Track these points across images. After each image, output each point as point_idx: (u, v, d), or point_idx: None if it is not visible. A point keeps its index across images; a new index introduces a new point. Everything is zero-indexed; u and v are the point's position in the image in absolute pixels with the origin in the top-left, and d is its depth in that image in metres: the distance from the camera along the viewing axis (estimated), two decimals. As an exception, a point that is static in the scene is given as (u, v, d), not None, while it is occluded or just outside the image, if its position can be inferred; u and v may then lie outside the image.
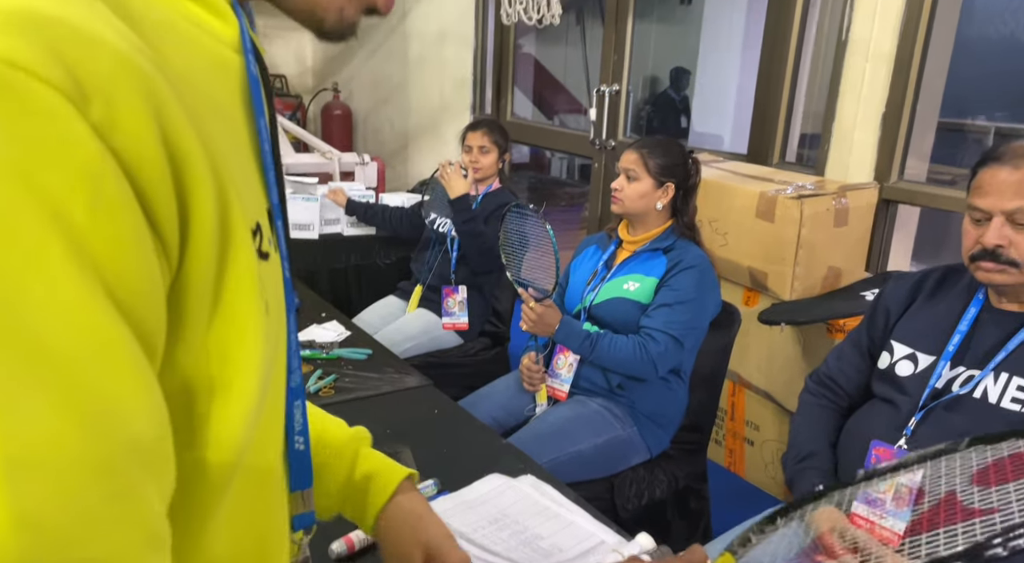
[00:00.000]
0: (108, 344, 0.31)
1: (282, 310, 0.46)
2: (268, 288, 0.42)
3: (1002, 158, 1.13)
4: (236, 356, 0.39)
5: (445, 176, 2.43)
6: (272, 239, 0.43)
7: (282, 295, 0.46)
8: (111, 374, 0.31)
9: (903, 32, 2.23)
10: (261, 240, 0.41)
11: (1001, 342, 1.15)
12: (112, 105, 0.30)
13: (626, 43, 3.23)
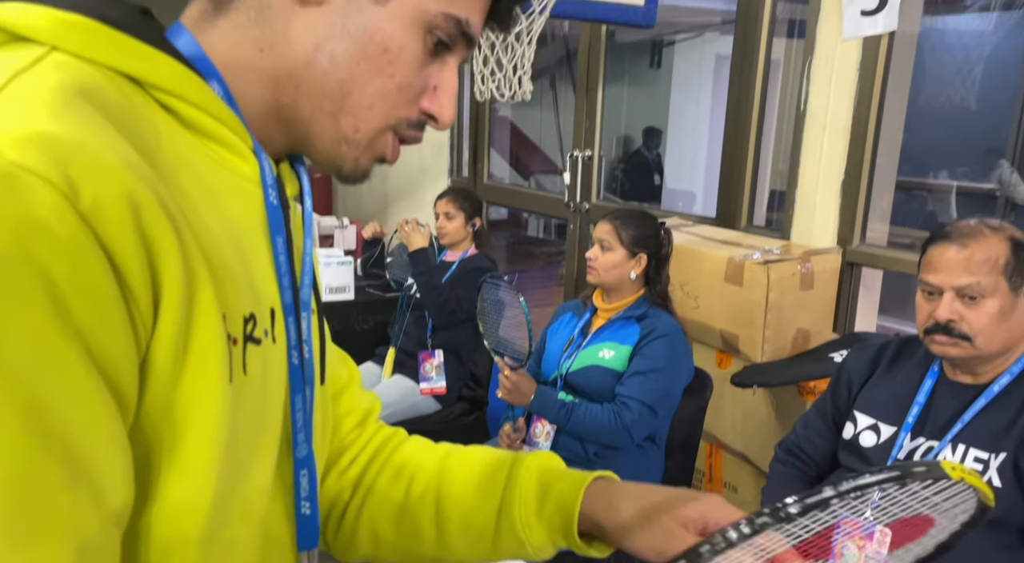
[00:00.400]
0: (92, 405, 0.38)
1: (280, 390, 0.52)
2: (255, 366, 0.48)
3: (950, 236, 1.20)
4: (189, 427, 0.44)
5: (404, 233, 2.48)
6: (272, 330, 0.51)
7: (282, 377, 0.53)
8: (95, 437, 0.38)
9: (857, 102, 2.35)
10: (255, 327, 0.48)
11: (957, 414, 1.20)
12: (98, 201, 0.38)
13: (597, 110, 3.34)
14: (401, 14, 0.50)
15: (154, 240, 0.41)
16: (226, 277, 0.46)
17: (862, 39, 2.31)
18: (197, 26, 0.52)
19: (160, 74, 0.47)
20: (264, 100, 0.52)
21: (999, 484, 1.13)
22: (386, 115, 0.53)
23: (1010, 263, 1.16)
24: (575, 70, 3.49)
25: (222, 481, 0.46)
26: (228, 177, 0.50)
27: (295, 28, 0.50)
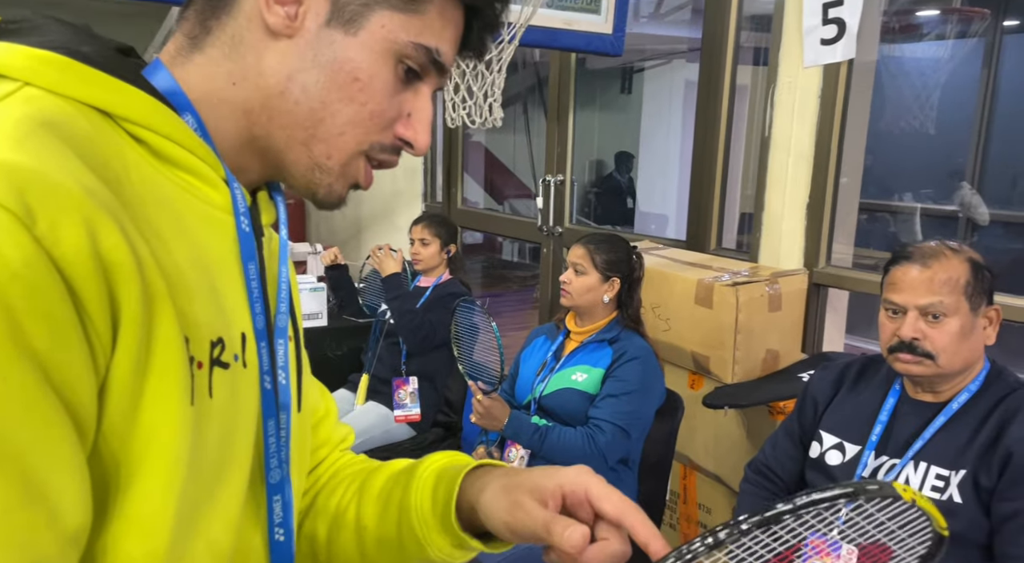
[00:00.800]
0: (48, 427, 0.39)
1: (251, 415, 0.53)
2: (222, 390, 0.49)
3: (912, 257, 1.24)
4: (149, 449, 0.44)
5: (376, 258, 2.49)
6: (243, 355, 0.52)
7: (254, 403, 0.53)
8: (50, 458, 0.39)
9: (819, 128, 2.42)
10: (223, 351, 0.49)
11: (918, 431, 1.23)
12: (55, 226, 0.39)
13: (568, 136, 3.39)
14: (371, 44, 0.52)
15: (112, 264, 0.41)
16: (190, 301, 0.47)
17: (823, 67, 2.38)
18: (174, 61, 0.54)
19: (130, 107, 0.48)
20: (238, 131, 0.54)
21: (960, 501, 1.16)
22: (358, 141, 0.54)
23: (970, 284, 1.20)
24: (546, 97, 3.54)
25: (185, 504, 0.46)
26: (199, 205, 0.51)
27: (267, 60, 0.52)
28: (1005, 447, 1.13)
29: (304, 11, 0.51)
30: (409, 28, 0.53)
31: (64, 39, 0.48)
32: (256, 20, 0.52)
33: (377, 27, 0.52)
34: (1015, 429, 1.14)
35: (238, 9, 0.52)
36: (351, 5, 0.52)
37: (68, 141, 0.43)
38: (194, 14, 0.54)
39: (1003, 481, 1.12)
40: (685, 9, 5.00)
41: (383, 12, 0.52)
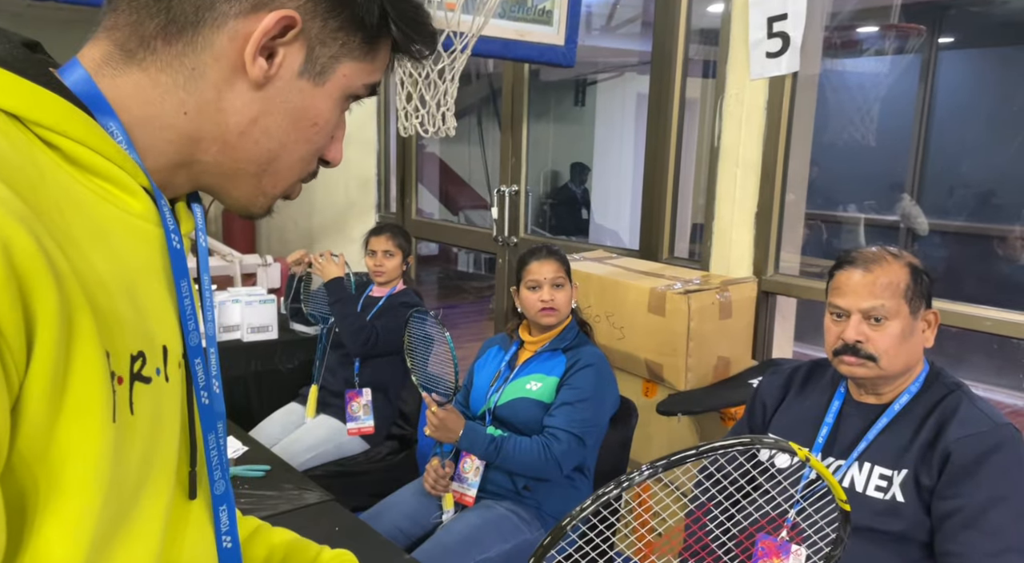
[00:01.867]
0: None
1: (174, 429, 0.52)
2: (144, 406, 0.47)
3: (856, 262, 1.27)
4: (67, 469, 0.43)
5: (318, 264, 2.45)
6: (165, 368, 0.50)
7: (176, 417, 0.52)
8: None
9: (766, 139, 2.47)
10: (144, 365, 0.47)
11: (862, 433, 1.25)
12: None
13: (522, 147, 3.41)
14: (333, 92, 0.57)
15: (27, 278, 0.40)
16: (111, 314, 0.45)
17: (768, 79, 2.44)
18: (100, 69, 0.52)
19: (43, 111, 0.46)
20: (177, 153, 0.55)
21: (902, 500, 1.19)
22: (300, 172, 0.59)
23: (910, 288, 1.24)
24: (500, 108, 3.55)
25: (103, 522, 0.45)
26: (117, 214, 0.50)
27: (230, 100, 0.53)
28: (943, 447, 1.16)
29: (280, 61, 0.54)
30: (364, 73, 0.58)
31: None
32: (227, 61, 0.52)
33: (340, 76, 0.57)
34: (952, 430, 1.17)
35: (205, 44, 0.52)
36: (322, 58, 0.55)
37: None
38: (131, 24, 0.52)
39: (942, 480, 1.16)
40: (636, 22, 5.09)
41: (347, 63, 0.56)
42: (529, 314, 1.86)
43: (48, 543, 0.42)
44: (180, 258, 0.54)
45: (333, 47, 0.55)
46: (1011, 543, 1.10)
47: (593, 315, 2.49)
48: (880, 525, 1.18)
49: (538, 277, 1.83)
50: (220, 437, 0.57)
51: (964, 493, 1.13)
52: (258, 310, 2.89)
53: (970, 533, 1.12)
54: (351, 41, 0.56)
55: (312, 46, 0.55)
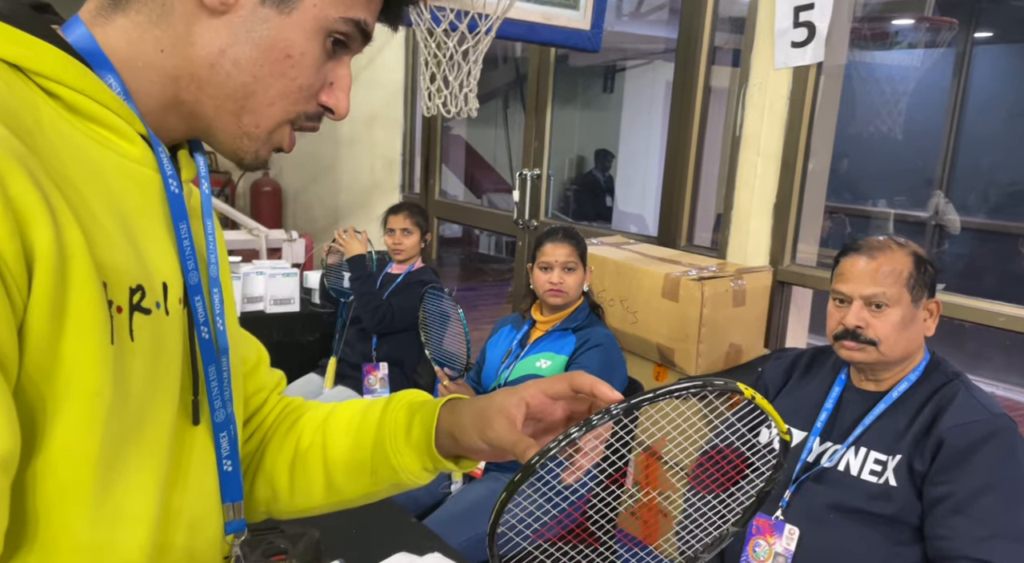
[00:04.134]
0: None
1: (175, 360, 0.56)
2: (144, 334, 0.52)
3: (860, 249, 1.29)
4: (72, 384, 0.47)
5: (342, 241, 2.50)
6: (165, 303, 0.54)
7: (178, 349, 0.57)
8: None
9: (788, 130, 2.47)
10: (143, 298, 0.52)
11: (860, 418, 1.28)
12: None
13: (546, 131, 3.43)
14: (303, 23, 0.55)
15: (22, 209, 0.44)
16: (108, 249, 0.49)
17: (792, 69, 2.44)
18: (94, 20, 0.55)
19: (42, 62, 0.50)
20: (163, 95, 0.56)
21: (895, 484, 1.21)
22: (285, 112, 0.57)
23: (912, 276, 1.25)
24: (526, 92, 3.57)
25: (109, 437, 0.49)
26: (114, 158, 0.53)
27: (198, 32, 0.54)
28: (938, 435, 1.18)
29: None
30: (338, 4, 0.55)
31: None
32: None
33: (309, 6, 0.54)
34: (948, 418, 1.19)
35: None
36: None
37: None
38: None
39: (935, 466, 1.18)
40: (664, 9, 5.06)
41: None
42: (538, 293, 1.90)
43: (59, 451, 0.47)
44: (178, 202, 0.57)
45: None
46: (998, 530, 1.12)
47: (608, 299, 2.52)
48: (873, 508, 1.21)
49: (550, 259, 1.86)
50: (223, 370, 0.61)
51: (955, 479, 1.16)
52: (281, 283, 2.97)
53: (959, 518, 1.14)
54: None
55: None
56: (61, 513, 0.48)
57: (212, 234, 0.63)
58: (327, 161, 4.57)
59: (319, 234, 4.54)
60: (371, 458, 0.69)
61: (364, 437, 0.70)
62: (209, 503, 0.62)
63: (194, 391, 0.59)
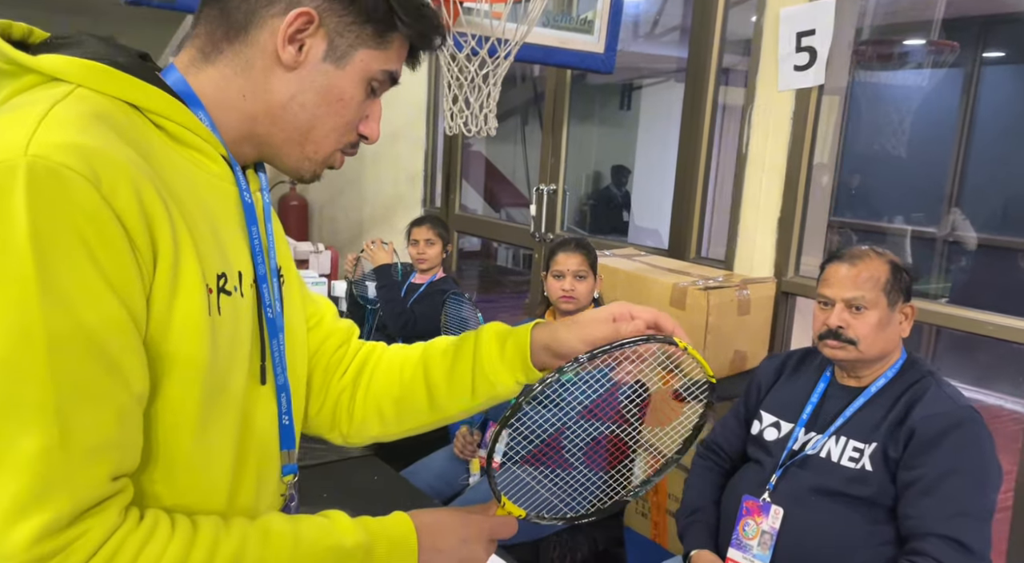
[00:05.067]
0: (118, 321, 0.57)
1: (247, 333, 0.70)
2: (227, 311, 0.66)
3: (843, 257, 1.42)
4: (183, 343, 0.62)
5: (369, 251, 2.67)
6: (240, 286, 0.69)
7: (248, 324, 0.71)
8: (121, 342, 0.57)
9: (791, 149, 2.60)
10: (226, 282, 0.67)
11: (840, 411, 1.40)
12: (113, 187, 0.57)
13: (562, 147, 3.58)
14: (353, 74, 0.72)
15: (151, 213, 0.59)
16: (202, 243, 0.64)
17: (795, 90, 2.57)
18: (188, 69, 0.71)
19: (152, 102, 0.66)
20: (240, 129, 0.72)
21: (871, 469, 1.33)
22: (337, 141, 0.75)
23: (889, 281, 1.38)
24: (543, 110, 3.73)
25: (205, 391, 0.65)
26: (203, 175, 0.69)
27: (274, 82, 0.71)
28: (910, 424, 1.31)
29: (307, 49, 0.70)
30: (380, 60, 0.72)
31: (102, 51, 0.66)
32: (268, 52, 0.69)
33: (358, 62, 0.71)
34: (919, 410, 1.31)
35: (253, 40, 0.69)
36: (341, 46, 0.71)
37: (113, 128, 0.61)
38: (206, 34, 0.71)
39: (907, 453, 1.30)
40: (678, 30, 5.21)
41: (364, 50, 0.71)
42: (551, 299, 2.04)
43: (172, 398, 0.63)
44: (250, 209, 0.74)
45: (349, 37, 0.70)
46: (963, 509, 1.24)
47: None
48: (851, 490, 1.33)
49: (563, 267, 2.01)
50: (281, 344, 0.76)
51: (924, 464, 1.28)
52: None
53: (927, 500, 1.26)
54: (364, 32, 0.71)
55: (332, 37, 0.70)
56: (174, 440, 0.64)
57: (271, 234, 0.79)
58: (352, 176, 4.76)
59: (344, 246, 4.72)
60: (471, 379, 0.83)
61: (463, 362, 0.84)
62: (271, 447, 0.76)
63: (261, 358, 0.73)
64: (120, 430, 0.58)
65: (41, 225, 0.53)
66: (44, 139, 0.56)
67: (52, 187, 0.54)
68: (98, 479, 0.57)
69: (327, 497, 1.52)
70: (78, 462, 0.55)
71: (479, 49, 2.32)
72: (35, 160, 0.54)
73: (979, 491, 1.26)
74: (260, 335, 0.73)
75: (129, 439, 0.60)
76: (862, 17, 3.38)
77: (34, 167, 0.54)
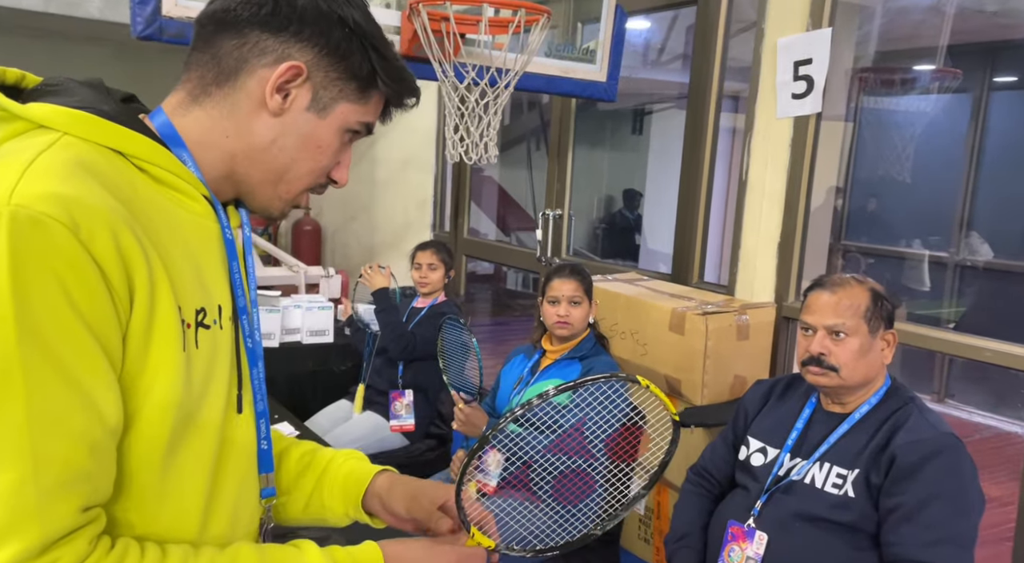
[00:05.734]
0: (93, 359, 0.60)
1: (225, 363, 0.74)
2: (204, 344, 0.70)
3: (824, 285, 1.44)
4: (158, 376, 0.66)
5: (367, 276, 2.70)
6: (220, 320, 0.73)
7: (227, 355, 0.75)
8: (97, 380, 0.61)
9: (790, 175, 2.63)
10: (205, 316, 0.70)
11: (825, 437, 1.41)
12: (91, 233, 0.60)
13: (567, 173, 3.63)
14: (333, 124, 0.77)
15: (128, 257, 0.63)
16: (181, 282, 0.68)
17: (793, 118, 2.60)
18: (175, 111, 0.75)
19: (135, 148, 0.70)
20: (222, 168, 0.76)
21: (853, 495, 1.34)
22: (308, 184, 0.80)
23: (869, 309, 1.40)
24: (548, 136, 3.78)
25: (179, 420, 0.69)
26: (186, 214, 0.74)
27: (257, 126, 0.75)
28: (891, 451, 1.31)
29: (292, 99, 0.74)
30: (359, 113, 0.77)
31: (89, 99, 0.70)
32: (254, 97, 0.74)
33: (339, 113, 0.76)
34: (900, 436, 1.32)
35: (241, 86, 0.74)
36: (324, 98, 0.75)
37: (96, 175, 0.65)
38: (197, 77, 0.75)
39: (888, 479, 1.30)
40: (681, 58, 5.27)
41: (345, 104, 0.76)
42: (547, 324, 2.06)
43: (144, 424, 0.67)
44: (231, 246, 0.78)
45: (333, 91, 0.75)
46: (944, 535, 1.24)
47: (619, 332, 2.67)
48: (834, 516, 1.34)
49: (557, 293, 2.03)
50: (261, 372, 0.81)
51: (906, 491, 1.28)
52: (317, 316, 3.19)
53: (909, 526, 1.26)
54: (348, 87, 0.75)
55: (317, 89, 0.74)
56: (146, 470, 0.68)
57: (251, 267, 0.84)
58: (364, 201, 4.84)
59: (354, 270, 4.78)
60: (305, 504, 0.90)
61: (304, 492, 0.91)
62: (250, 472, 0.80)
63: (238, 387, 0.77)
64: (93, 463, 0.61)
65: (21, 269, 0.57)
66: (26, 190, 0.60)
67: (33, 234, 0.58)
68: (69, 511, 0.60)
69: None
70: (49, 495, 0.58)
71: (479, 79, 2.38)
72: (17, 209, 0.58)
73: (960, 518, 1.26)
74: (238, 365, 0.77)
75: (101, 471, 0.63)
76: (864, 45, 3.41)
77: (16, 216, 0.58)
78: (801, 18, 2.56)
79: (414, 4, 2.26)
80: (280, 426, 2.16)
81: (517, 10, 2.29)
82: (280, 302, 3.20)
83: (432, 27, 2.25)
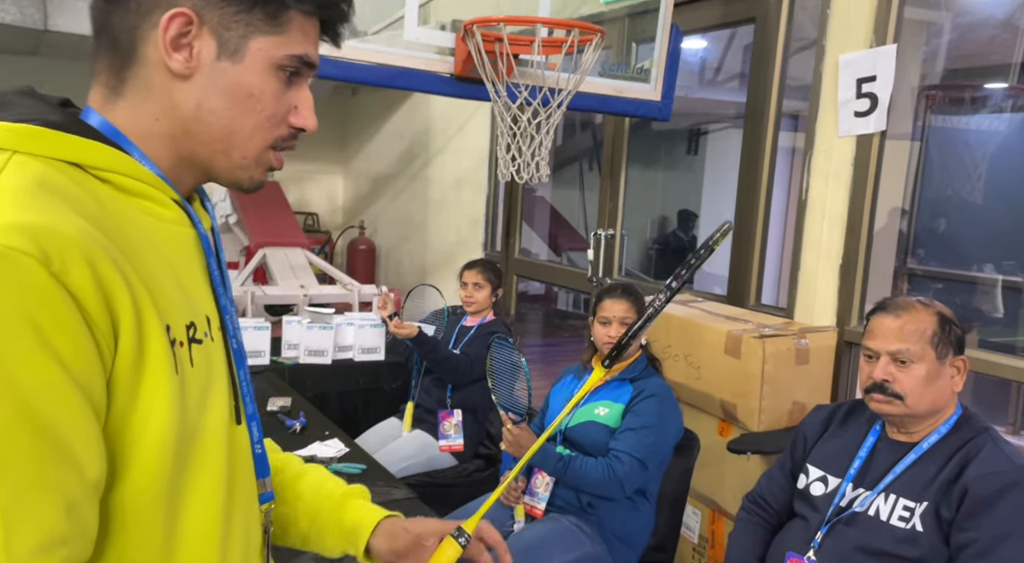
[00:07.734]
0: (72, 407, 0.54)
1: (223, 371, 0.69)
2: (199, 360, 0.65)
3: (887, 308, 1.38)
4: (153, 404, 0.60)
5: (396, 331, 2.62)
6: (211, 330, 0.68)
7: (223, 362, 0.70)
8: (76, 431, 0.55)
9: (852, 195, 2.54)
10: (195, 331, 0.65)
11: (890, 467, 1.34)
12: (64, 264, 0.54)
13: (620, 193, 3.60)
14: (254, 66, 0.67)
15: (107, 285, 0.57)
16: (165, 299, 0.62)
17: (856, 136, 2.52)
18: (104, 108, 0.67)
19: (93, 157, 0.63)
20: (169, 154, 0.68)
21: (921, 530, 1.26)
22: (264, 139, 0.70)
23: (936, 334, 1.33)
24: (601, 156, 3.77)
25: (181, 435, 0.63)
26: (157, 223, 0.67)
27: (177, 96, 0.66)
28: (963, 484, 1.23)
29: (196, 52, 0.65)
30: (279, 45, 0.67)
31: (34, 111, 0.63)
32: (160, 67, 0.65)
33: (256, 51, 0.66)
34: (973, 468, 1.24)
35: (144, 59, 0.65)
36: (232, 40, 0.66)
37: (59, 195, 0.58)
38: (106, 68, 0.66)
39: (960, 514, 1.22)
40: (740, 77, 5.20)
41: (257, 38, 0.66)
42: (597, 345, 2.03)
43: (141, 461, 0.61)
44: (205, 241, 0.71)
45: (238, 29, 0.65)
46: (1021, 577, 1.16)
47: (673, 354, 2.61)
48: (900, 551, 1.26)
49: (609, 314, 2.00)
50: (247, 373, 0.75)
51: (980, 526, 1.20)
52: (369, 333, 3.22)
53: (983, 564, 1.18)
54: (252, 19, 0.65)
55: (219, 33, 0.65)
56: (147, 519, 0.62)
57: (224, 268, 0.76)
58: (417, 221, 4.89)
59: (407, 289, 4.83)
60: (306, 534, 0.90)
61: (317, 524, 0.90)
62: (251, 481, 0.75)
63: (235, 397, 0.71)
64: (69, 525, 0.55)
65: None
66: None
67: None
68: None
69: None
70: None
71: (532, 99, 2.38)
72: None
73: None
74: (231, 374, 0.72)
75: (80, 532, 0.56)
76: (932, 62, 3.29)
77: None
78: (864, 35, 2.49)
79: (468, 26, 2.28)
80: (331, 442, 2.18)
81: (571, 30, 2.29)
82: (333, 319, 3.24)
83: (486, 48, 2.26)
